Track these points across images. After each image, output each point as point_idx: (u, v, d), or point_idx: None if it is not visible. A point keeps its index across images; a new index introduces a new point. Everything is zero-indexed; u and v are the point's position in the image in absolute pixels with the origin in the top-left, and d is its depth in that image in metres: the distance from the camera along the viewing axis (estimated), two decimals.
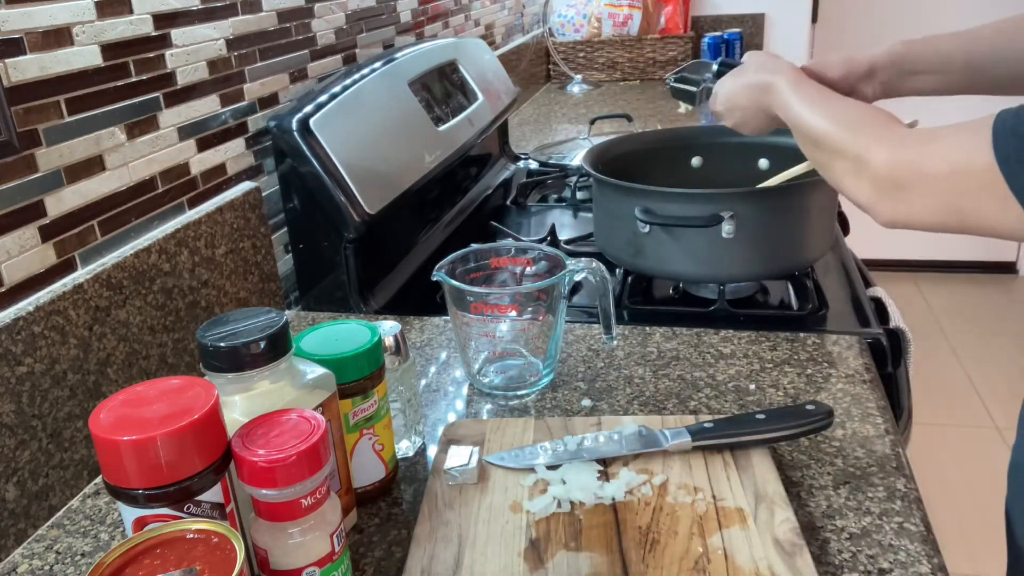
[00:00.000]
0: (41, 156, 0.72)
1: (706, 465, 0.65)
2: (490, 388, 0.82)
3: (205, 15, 0.92)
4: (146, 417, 0.47)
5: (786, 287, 1.02)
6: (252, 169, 1.02)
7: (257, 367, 0.54)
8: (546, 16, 2.51)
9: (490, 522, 0.60)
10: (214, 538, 0.44)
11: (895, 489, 0.64)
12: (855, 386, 0.78)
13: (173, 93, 0.88)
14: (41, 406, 0.69)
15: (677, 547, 0.56)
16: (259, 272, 1.00)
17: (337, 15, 1.23)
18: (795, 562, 0.54)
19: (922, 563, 0.57)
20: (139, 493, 0.47)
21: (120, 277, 0.78)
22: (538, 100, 2.35)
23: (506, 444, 0.69)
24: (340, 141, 1.01)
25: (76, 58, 0.75)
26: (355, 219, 1.00)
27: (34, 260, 0.72)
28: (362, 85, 1.11)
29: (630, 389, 0.81)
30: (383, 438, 0.66)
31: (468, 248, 0.84)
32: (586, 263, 0.79)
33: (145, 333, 0.81)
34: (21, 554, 0.65)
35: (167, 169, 0.87)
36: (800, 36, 2.63)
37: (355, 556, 0.61)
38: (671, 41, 2.45)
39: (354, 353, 0.62)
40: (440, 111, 1.29)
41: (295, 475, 0.48)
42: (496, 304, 0.77)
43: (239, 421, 0.52)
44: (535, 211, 1.41)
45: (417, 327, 0.97)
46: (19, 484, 0.67)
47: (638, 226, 0.92)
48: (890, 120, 0.63)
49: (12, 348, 0.66)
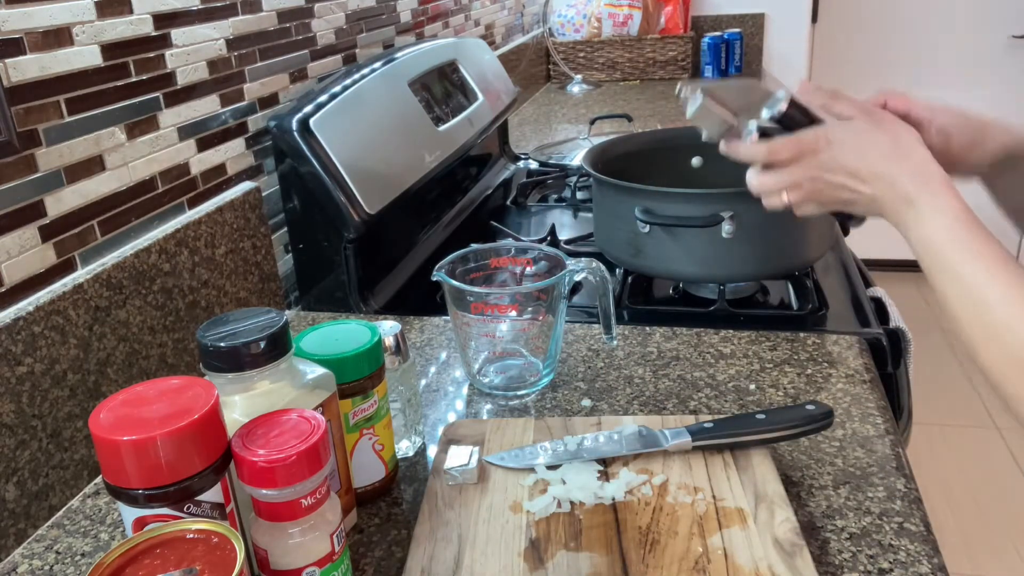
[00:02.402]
0: (41, 156, 0.72)
1: (706, 465, 0.65)
2: (490, 388, 0.82)
3: (205, 15, 0.92)
4: (146, 417, 0.47)
5: (786, 287, 1.02)
6: (252, 169, 1.02)
7: (257, 367, 0.54)
8: (546, 16, 2.51)
9: (490, 522, 0.60)
10: (214, 538, 0.44)
11: (895, 489, 0.64)
12: (855, 386, 0.78)
13: (173, 93, 0.88)
14: (41, 406, 0.69)
15: (677, 547, 0.56)
16: (259, 272, 1.00)
17: (337, 15, 1.23)
18: (795, 562, 0.54)
19: (922, 563, 0.57)
20: (139, 493, 0.47)
21: (120, 277, 0.78)
22: (538, 100, 2.35)
23: (506, 444, 0.69)
24: (340, 141, 1.01)
25: (76, 58, 0.75)
26: (355, 219, 1.00)
27: (34, 260, 0.72)
28: (362, 85, 1.11)
29: (630, 389, 0.81)
30: (383, 438, 0.66)
31: (468, 248, 0.84)
32: (586, 263, 0.79)
33: (145, 333, 0.81)
34: (21, 554, 0.65)
35: (167, 169, 0.87)
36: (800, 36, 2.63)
37: (355, 556, 0.61)
38: (671, 41, 2.45)
39: (354, 353, 0.62)
40: (440, 111, 1.29)
41: (295, 475, 0.48)
42: (496, 304, 0.77)
43: (239, 421, 0.52)
44: (535, 211, 1.41)
45: (417, 327, 0.97)
46: (19, 484, 0.67)
47: (638, 226, 0.92)
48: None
49: (12, 348, 0.66)
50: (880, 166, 0.59)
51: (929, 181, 0.57)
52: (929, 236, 0.56)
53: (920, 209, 0.57)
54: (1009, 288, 0.52)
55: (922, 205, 0.57)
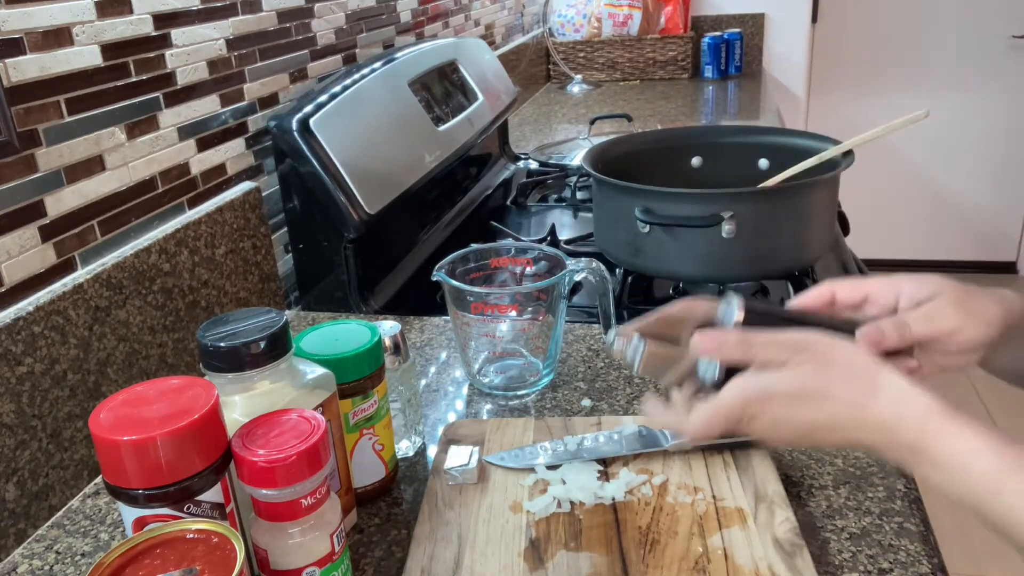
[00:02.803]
0: (41, 156, 0.72)
1: (706, 465, 0.65)
2: (490, 388, 0.82)
3: (205, 15, 0.92)
4: (146, 417, 0.47)
5: (786, 287, 1.02)
6: (252, 169, 1.02)
7: (257, 367, 0.54)
8: (546, 16, 2.51)
9: (490, 522, 0.60)
10: (214, 538, 0.44)
11: (895, 489, 0.64)
12: None
13: (173, 93, 0.88)
14: (41, 406, 0.69)
15: (677, 547, 0.56)
16: (259, 272, 1.00)
17: (337, 15, 1.23)
18: (795, 562, 0.54)
19: (922, 563, 0.57)
20: (139, 493, 0.47)
21: (120, 277, 0.78)
22: (538, 100, 2.35)
23: (506, 444, 0.69)
24: (340, 141, 1.01)
25: (76, 58, 0.75)
26: (355, 219, 1.00)
27: (34, 260, 0.72)
28: (362, 85, 1.11)
29: (630, 389, 0.81)
30: (383, 438, 0.66)
31: (468, 248, 0.84)
32: (586, 263, 0.79)
33: (145, 333, 0.81)
34: (21, 554, 0.65)
35: (167, 169, 0.87)
36: (800, 36, 2.63)
37: (355, 556, 0.61)
38: (671, 41, 2.45)
39: (354, 353, 0.62)
40: (440, 111, 1.29)
41: (295, 475, 0.48)
42: (496, 304, 0.77)
43: (239, 421, 0.52)
44: (535, 211, 1.41)
45: (417, 327, 0.97)
46: (19, 484, 0.67)
47: (638, 226, 0.92)
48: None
49: (12, 348, 0.66)
50: (876, 426, 0.49)
51: (918, 420, 0.48)
52: (971, 480, 0.47)
53: (944, 458, 0.48)
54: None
55: (930, 450, 0.48)
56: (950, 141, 3.23)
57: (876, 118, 3.48)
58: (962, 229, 3.36)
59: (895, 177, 3.29)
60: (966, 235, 3.36)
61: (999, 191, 3.28)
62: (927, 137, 3.21)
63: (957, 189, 3.30)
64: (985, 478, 0.46)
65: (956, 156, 3.25)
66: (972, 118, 3.17)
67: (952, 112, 3.18)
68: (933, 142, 3.23)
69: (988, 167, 3.24)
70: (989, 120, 3.17)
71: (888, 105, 3.17)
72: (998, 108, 3.15)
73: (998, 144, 3.20)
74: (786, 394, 0.50)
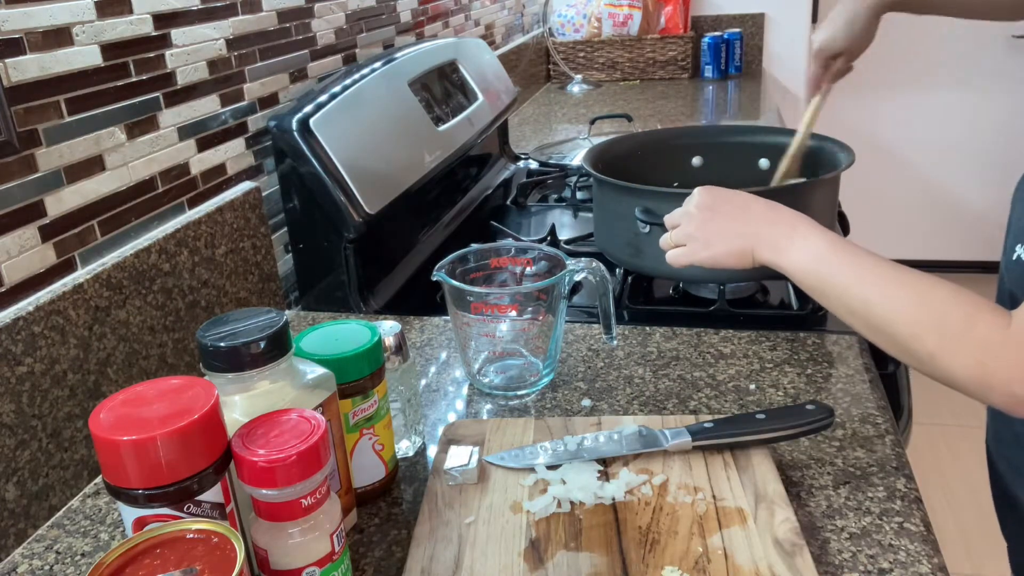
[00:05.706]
0: (41, 156, 0.72)
1: (706, 465, 0.65)
2: (490, 388, 0.82)
3: (205, 15, 0.92)
4: (146, 417, 0.47)
5: (786, 287, 1.02)
6: (252, 169, 1.02)
7: (257, 367, 0.54)
8: (546, 16, 2.51)
9: (490, 522, 0.60)
10: (214, 538, 0.44)
11: (895, 489, 0.64)
12: (855, 386, 0.78)
13: (173, 93, 0.88)
14: (41, 406, 0.69)
15: (677, 547, 0.56)
16: (259, 272, 1.00)
17: (337, 15, 1.23)
18: (795, 562, 0.54)
19: (922, 563, 0.57)
20: (139, 493, 0.47)
21: (120, 277, 0.78)
22: (538, 100, 2.35)
23: (506, 444, 0.69)
24: (340, 141, 1.01)
25: (76, 58, 0.75)
26: (355, 219, 1.00)
27: (34, 260, 0.72)
28: (362, 85, 1.11)
29: (630, 389, 0.81)
30: (383, 438, 0.66)
31: (468, 248, 0.84)
32: (586, 263, 0.79)
33: (145, 333, 0.81)
34: (21, 554, 0.65)
35: (167, 169, 0.87)
36: (800, 36, 2.63)
37: (355, 556, 0.61)
38: (671, 41, 2.45)
39: (354, 353, 0.62)
40: (440, 111, 1.29)
41: (295, 475, 0.48)
42: (496, 304, 0.77)
43: (239, 421, 0.52)
44: (535, 211, 1.41)
45: (417, 327, 0.97)
46: (19, 484, 0.67)
47: (638, 226, 0.92)
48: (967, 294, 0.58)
49: (12, 348, 0.66)
50: (747, 228, 0.72)
51: (777, 222, 0.70)
52: (805, 266, 0.66)
53: (785, 247, 0.68)
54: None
55: (785, 241, 0.68)
56: (950, 141, 3.23)
57: (876, 118, 3.48)
58: (962, 229, 3.35)
59: (895, 177, 3.29)
60: (966, 235, 3.36)
61: (999, 191, 3.27)
62: (927, 137, 3.21)
63: (957, 189, 3.30)
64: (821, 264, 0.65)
65: (956, 156, 3.25)
66: (972, 118, 3.17)
67: (952, 112, 3.17)
68: (933, 142, 3.22)
69: (988, 167, 3.24)
70: (989, 120, 3.17)
71: (888, 105, 3.17)
72: (998, 108, 3.15)
73: (998, 144, 3.20)
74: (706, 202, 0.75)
